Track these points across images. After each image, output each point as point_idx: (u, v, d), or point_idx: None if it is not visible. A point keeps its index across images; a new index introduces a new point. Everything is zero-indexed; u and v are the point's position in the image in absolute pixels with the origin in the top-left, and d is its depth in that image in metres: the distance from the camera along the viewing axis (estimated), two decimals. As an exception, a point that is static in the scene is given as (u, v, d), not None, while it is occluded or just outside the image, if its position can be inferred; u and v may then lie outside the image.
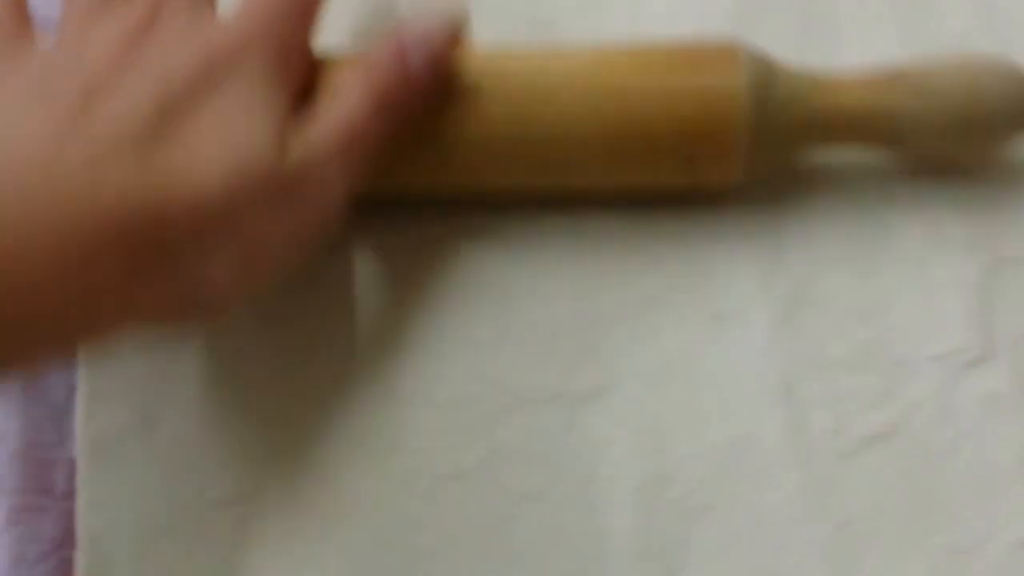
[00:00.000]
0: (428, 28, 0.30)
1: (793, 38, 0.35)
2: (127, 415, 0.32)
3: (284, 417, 0.32)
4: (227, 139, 0.27)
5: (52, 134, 0.26)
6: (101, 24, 0.28)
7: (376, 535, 0.31)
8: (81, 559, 0.31)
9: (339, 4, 0.32)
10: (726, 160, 0.31)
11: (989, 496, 0.31)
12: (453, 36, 0.30)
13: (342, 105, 0.29)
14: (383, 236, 0.34)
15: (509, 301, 0.33)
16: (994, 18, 0.36)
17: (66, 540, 0.33)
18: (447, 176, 0.32)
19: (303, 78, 0.29)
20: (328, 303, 0.33)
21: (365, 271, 0.34)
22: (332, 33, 0.32)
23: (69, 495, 0.32)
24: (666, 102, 0.31)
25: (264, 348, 0.33)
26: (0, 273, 0.24)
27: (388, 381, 0.33)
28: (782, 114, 0.31)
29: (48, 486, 0.33)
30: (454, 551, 0.31)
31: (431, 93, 0.30)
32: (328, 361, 0.33)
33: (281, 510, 0.31)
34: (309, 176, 0.28)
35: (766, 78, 0.31)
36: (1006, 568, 0.30)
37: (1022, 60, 0.32)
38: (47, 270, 0.25)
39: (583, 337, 0.33)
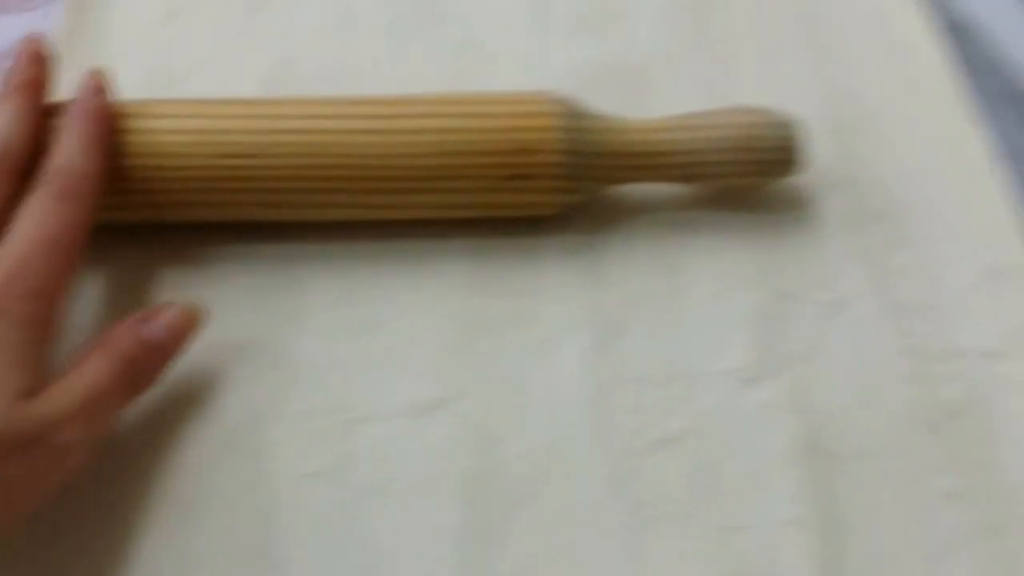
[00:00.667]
0: (167, 308, 0.35)
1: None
2: None
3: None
4: None
5: None
6: None
7: (239, 526, 0.35)
8: None
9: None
10: (542, 185, 0.38)
11: (759, 486, 0.36)
12: (190, 314, 0.35)
13: (85, 379, 0.31)
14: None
15: (361, 326, 0.39)
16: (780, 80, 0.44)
17: None
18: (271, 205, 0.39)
19: (52, 324, 0.32)
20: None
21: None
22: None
23: None
24: (488, 134, 0.38)
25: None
26: None
27: (247, 397, 0.38)
28: (587, 146, 0.38)
29: None
30: (309, 539, 0.35)
31: (173, 352, 0.35)
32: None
33: (156, 502, 0.36)
34: (41, 444, 0.29)
35: (574, 116, 0.38)
36: (772, 541, 0.34)
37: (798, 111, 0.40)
38: None
39: (425, 358, 0.39)
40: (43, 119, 0.37)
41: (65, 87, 0.39)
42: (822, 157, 0.42)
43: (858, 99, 0.45)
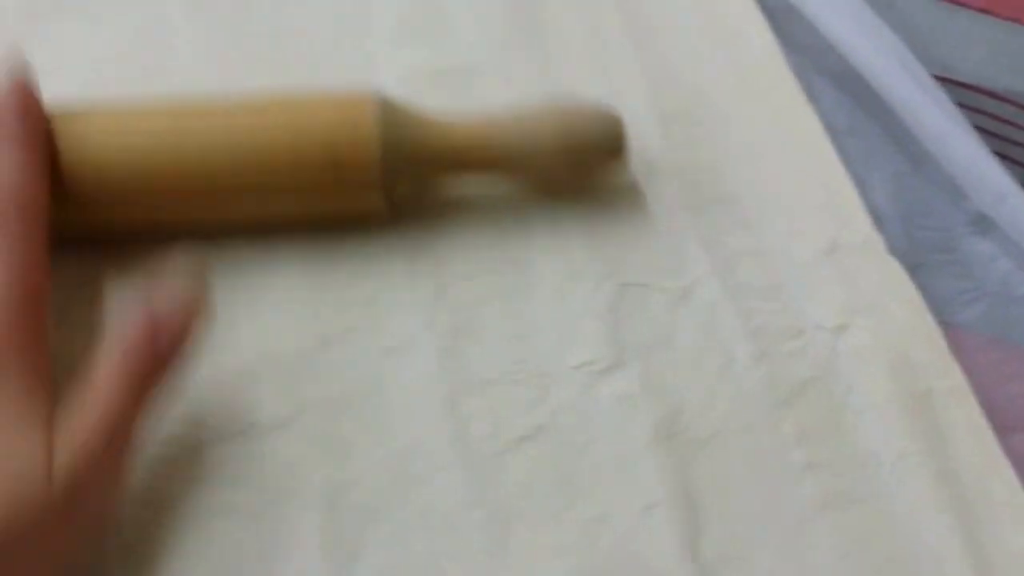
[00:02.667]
0: (172, 306, 0.31)
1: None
2: None
3: None
4: None
5: None
6: None
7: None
8: None
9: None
10: (363, 181, 0.37)
11: (620, 475, 0.35)
12: (195, 308, 0.32)
13: (102, 405, 0.29)
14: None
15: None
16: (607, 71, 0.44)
17: None
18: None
19: (48, 373, 0.29)
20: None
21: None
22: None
23: None
24: (305, 133, 0.36)
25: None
26: None
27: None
28: (406, 142, 0.37)
29: None
30: (164, 556, 0.33)
31: (177, 365, 0.32)
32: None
33: None
34: (80, 493, 0.27)
35: (392, 112, 0.37)
36: (636, 528, 0.34)
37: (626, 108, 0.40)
38: None
39: (270, 374, 0.37)
40: None
41: None
42: (657, 145, 0.43)
43: (688, 85, 0.45)
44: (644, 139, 0.43)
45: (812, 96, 0.45)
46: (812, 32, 0.45)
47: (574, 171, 0.39)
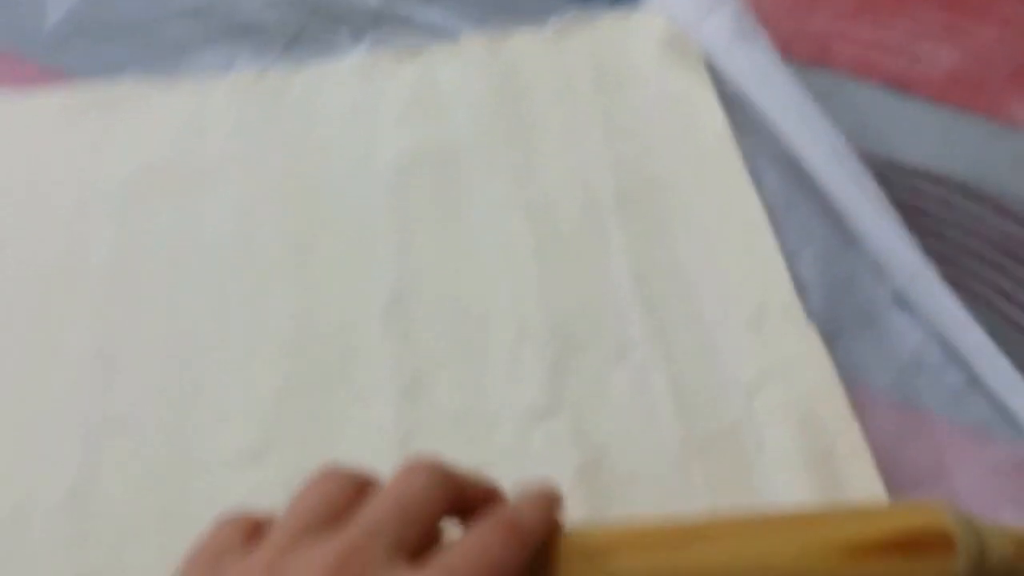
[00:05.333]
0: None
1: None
2: None
3: None
4: None
5: None
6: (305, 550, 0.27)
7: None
8: None
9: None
10: None
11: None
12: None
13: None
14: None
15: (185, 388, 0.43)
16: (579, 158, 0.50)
17: None
18: None
19: None
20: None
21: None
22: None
23: None
24: None
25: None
26: None
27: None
28: None
29: None
30: None
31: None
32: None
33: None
34: None
35: (979, 556, 0.30)
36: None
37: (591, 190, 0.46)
38: None
39: (250, 413, 0.43)
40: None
41: None
42: (613, 223, 0.48)
43: (648, 170, 0.51)
44: (602, 213, 0.48)
45: (758, 176, 0.49)
46: (762, 120, 0.50)
47: None
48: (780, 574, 0.30)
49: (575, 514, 0.38)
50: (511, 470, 0.40)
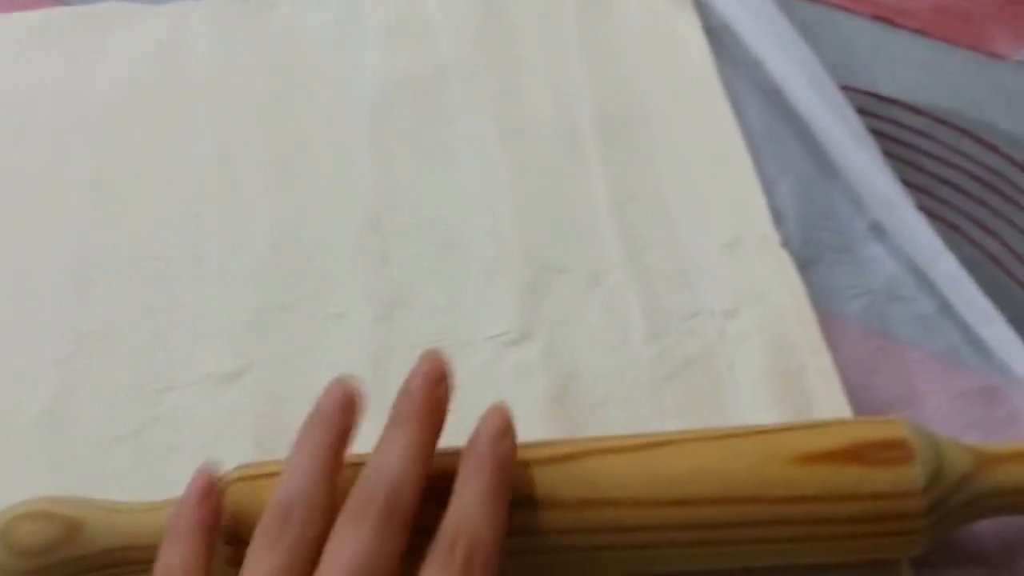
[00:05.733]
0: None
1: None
2: None
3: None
4: None
5: None
6: None
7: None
8: None
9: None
10: (899, 547, 0.33)
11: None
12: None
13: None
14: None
15: (163, 303, 0.44)
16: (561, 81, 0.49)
17: None
18: None
19: None
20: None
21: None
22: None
23: None
24: (836, 507, 0.31)
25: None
26: None
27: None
28: (952, 499, 0.32)
29: None
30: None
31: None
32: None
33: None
34: None
35: (937, 466, 0.31)
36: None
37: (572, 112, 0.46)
38: None
39: (225, 333, 0.43)
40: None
41: None
42: (593, 146, 0.48)
43: (630, 95, 0.51)
44: (582, 140, 0.48)
45: (738, 105, 0.49)
46: (745, 50, 0.50)
47: None
48: (739, 477, 0.31)
49: (545, 435, 0.39)
50: (484, 394, 0.40)
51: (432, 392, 0.32)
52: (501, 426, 0.32)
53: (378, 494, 0.29)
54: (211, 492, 0.32)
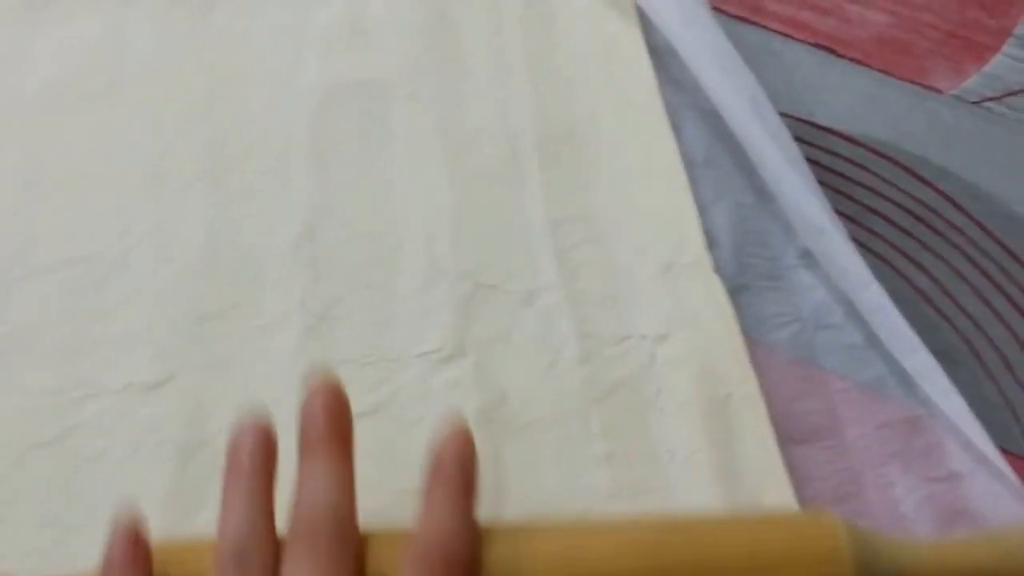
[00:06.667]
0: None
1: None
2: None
3: None
4: None
5: None
6: None
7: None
8: None
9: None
10: None
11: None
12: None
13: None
14: None
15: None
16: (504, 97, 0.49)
17: None
18: None
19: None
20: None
21: None
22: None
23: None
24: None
25: None
26: None
27: None
28: None
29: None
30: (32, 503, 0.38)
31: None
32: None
33: None
34: None
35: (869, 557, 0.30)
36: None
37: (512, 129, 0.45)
38: None
39: (150, 341, 0.42)
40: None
41: None
42: (531, 164, 0.48)
43: (572, 113, 0.50)
44: (522, 156, 0.48)
45: (679, 128, 0.49)
46: (687, 72, 0.50)
47: None
48: None
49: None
50: (412, 411, 0.40)
51: (335, 411, 0.32)
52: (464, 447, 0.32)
53: (320, 519, 0.29)
54: (139, 541, 0.30)
